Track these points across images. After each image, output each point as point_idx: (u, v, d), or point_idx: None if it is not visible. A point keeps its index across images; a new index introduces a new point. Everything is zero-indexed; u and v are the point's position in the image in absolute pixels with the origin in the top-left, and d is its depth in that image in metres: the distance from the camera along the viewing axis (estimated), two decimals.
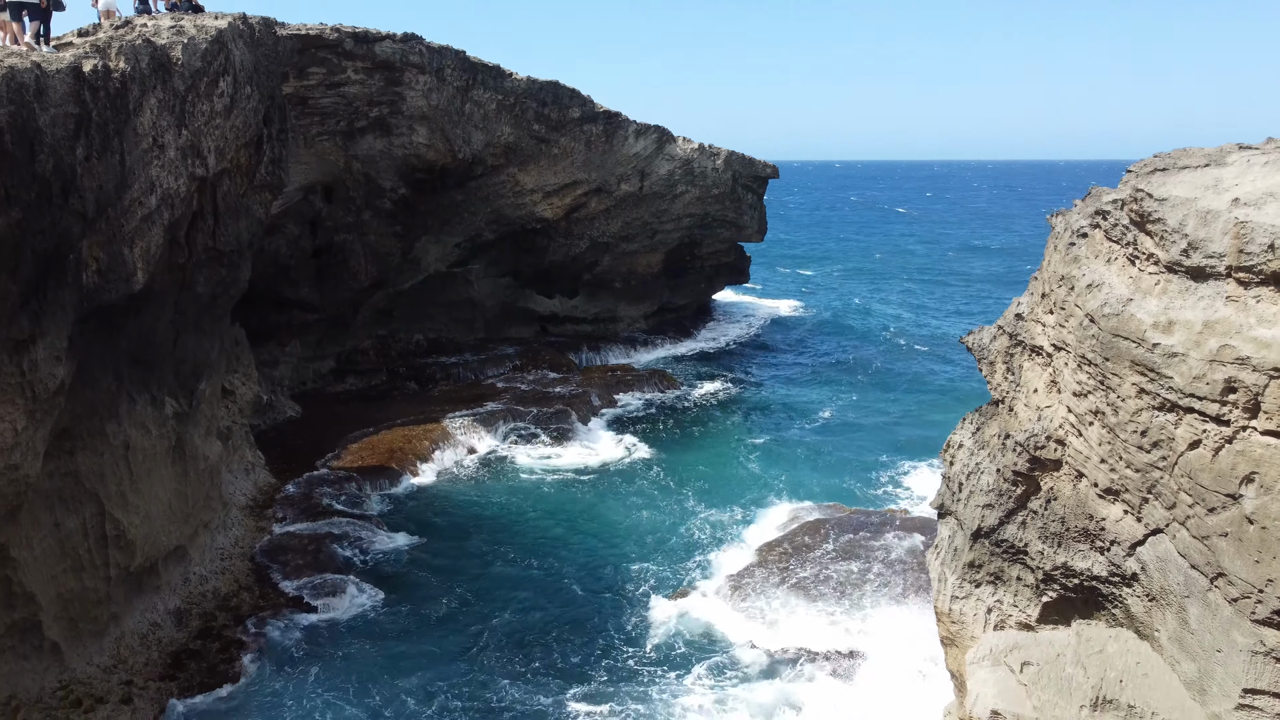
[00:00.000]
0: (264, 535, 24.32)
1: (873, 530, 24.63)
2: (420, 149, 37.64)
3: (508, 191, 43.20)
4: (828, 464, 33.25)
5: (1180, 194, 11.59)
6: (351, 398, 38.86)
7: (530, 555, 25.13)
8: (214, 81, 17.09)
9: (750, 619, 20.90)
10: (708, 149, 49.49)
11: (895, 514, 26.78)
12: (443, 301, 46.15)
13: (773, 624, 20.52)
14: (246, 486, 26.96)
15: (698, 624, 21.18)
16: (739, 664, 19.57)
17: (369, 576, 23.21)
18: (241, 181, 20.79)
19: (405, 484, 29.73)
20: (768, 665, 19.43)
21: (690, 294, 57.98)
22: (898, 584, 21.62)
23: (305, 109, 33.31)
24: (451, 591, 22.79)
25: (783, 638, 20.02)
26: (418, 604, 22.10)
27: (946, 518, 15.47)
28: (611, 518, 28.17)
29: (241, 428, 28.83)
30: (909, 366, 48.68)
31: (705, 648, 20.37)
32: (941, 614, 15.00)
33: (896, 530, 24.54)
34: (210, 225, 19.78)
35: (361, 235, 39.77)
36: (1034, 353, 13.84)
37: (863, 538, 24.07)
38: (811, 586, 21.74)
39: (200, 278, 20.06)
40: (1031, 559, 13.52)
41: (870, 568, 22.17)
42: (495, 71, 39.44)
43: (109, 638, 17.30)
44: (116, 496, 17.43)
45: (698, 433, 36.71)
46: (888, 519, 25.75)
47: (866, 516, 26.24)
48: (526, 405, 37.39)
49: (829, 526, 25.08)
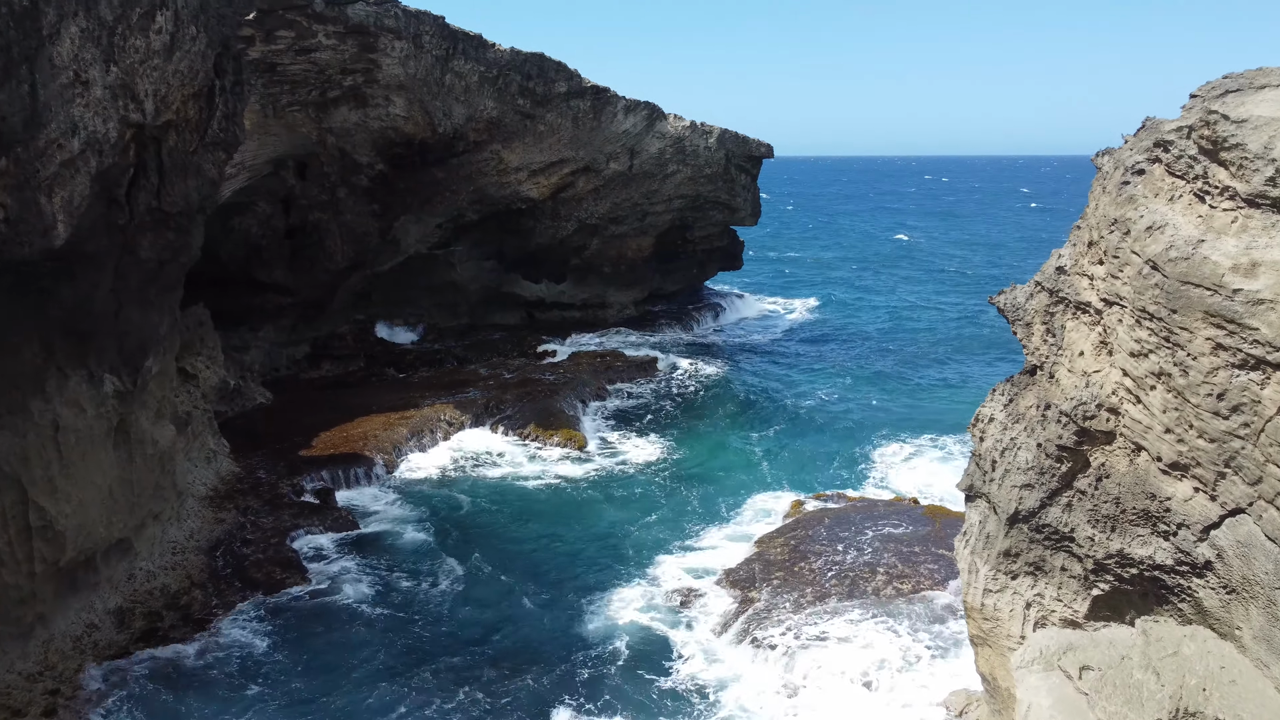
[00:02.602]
0: (221, 527, 22.43)
1: (880, 521, 22.89)
2: (398, 121, 35.70)
3: (491, 169, 41.29)
4: (827, 453, 31.51)
5: (1263, 113, 9.82)
6: (327, 384, 36.96)
7: (509, 552, 23.28)
8: (149, 14, 15.22)
9: (750, 625, 19.08)
10: (700, 127, 47.64)
11: (901, 503, 25.05)
12: (424, 285, 44.27)
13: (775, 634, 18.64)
14: (207, 475, 25.06)
15: (691, 634, 19.33)
16: (739, 679, 17.75)
17: (331, 575, 21.31)
18: (191, 137, 18.88)
19: (378, 475, 27.83)
20: (770, 680, 17.61)
21: (682, 279, 56.16)
22: (910, 577, 19.86)
23: (274, 76, 31.33)
24: (421, 595, 20.88)
25: (784, 646, 18.17)
26: (382, 608, 20.20)
27: (976, 500, 13.70)
28: (599, 512, 26.35)
29: (204, 414, 26.92)
30: (908, 353, 47.00)
31: (699, 661, 18.55)
32: (972, 609, 13.24)
33: (904, 519, 22.80)
34: (154, 183, 17.86)
35: (337, 214, 37.85)
36: (1079, 310, 12.07)
37: (869, 527, 22.31)
38: (816, 582, 19.95)
39: (144, 242, 18.15)
40: (1079, 546, 11.77)
41: (879, 559, 20.38)
42: (477, 41, 37.49)
43: (34, 641, 15.45)
44: (43, 482, 15.55)
45: (690, 422, 34.91)
46: (896, 508, 24.01)
47: (871, 506, 24.49)
48: (511, 393, 35.55)
49: (832, 518, 23.32)
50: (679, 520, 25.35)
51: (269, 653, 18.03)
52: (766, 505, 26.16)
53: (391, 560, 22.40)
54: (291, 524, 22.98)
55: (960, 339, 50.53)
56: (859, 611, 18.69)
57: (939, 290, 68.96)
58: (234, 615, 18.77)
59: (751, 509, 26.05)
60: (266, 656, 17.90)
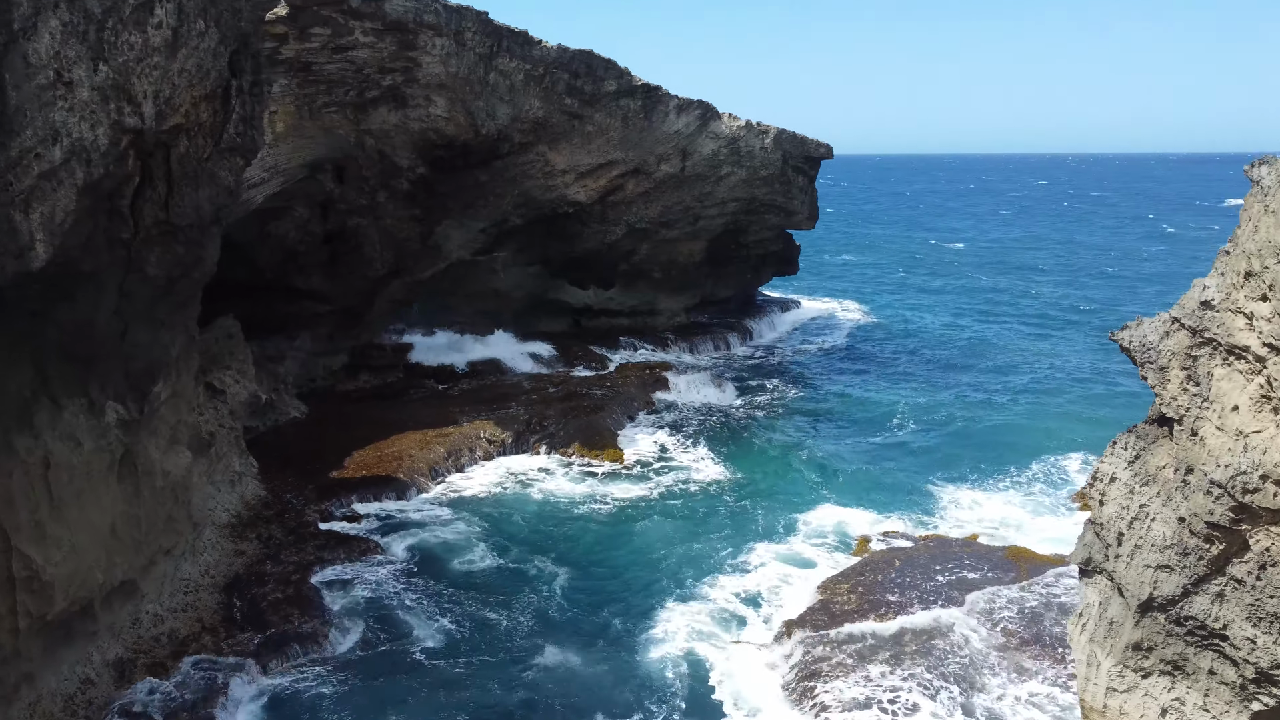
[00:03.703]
0: (241, 560, 20.93)
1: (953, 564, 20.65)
2: (439, 122, 34.07)
3: (537, 172, 39.52)
4: (888, 475, 29.28)
5: None
6: (364, 396, 35.54)
7: (551, 589, 21.48)
8: (146, 6, 13.65)
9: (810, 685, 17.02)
10: (755, 126, 45.42)
11: (977, 542, 22.75)
12: (466, 292, 42.68)
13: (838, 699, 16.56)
14: (230, 500, 23.62)
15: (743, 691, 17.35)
16: None
17: (359, 615, 19.66)
18: (204, 142, 17.32)
19: (414, 500, 26.20)
20: None
21: (734, 285, 53.98)
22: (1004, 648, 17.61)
23: (309, 76, 29.87)
24: (458, 637, 19.15)
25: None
26: (414, 653, 18.49)
27: (1095, 576, 11.50)
28: (648, 535, 24.53)
29: (230, 432, 25.54)
30: (983, 369, 44.27)
31: None
32: (1091, 710, 11.06)
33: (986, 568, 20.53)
34: (161, 194, 16.31)
35: (377, 219, 36.36)
36: (1233, 355, 9.82)
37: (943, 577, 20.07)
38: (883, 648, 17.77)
39: (151, 257, 16.61)
40: (1235, 648, 9.55)
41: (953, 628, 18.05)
42: (522, 38, 35.74)
43: (19, 705, 13.94)
44: (29, 527, 14.04)
45: (745, 441, 32.82)
46: (974, 550, 21.74)
47: (944, 546, 22.24)
48: (554, 408, 33.79)
49: (903, 560, 21.12)
50: (731, 546, 23.44)
51: (283, 701, 16.43)
52: (826, 532, 24.15)
53: (420, 595, 20.70)
54: (315, 557, 21.40)
55: (1033, 356, 47.69)
56: (935, 678, 16.53)
57: (1003, 302, 65.84)
58: (240, 668, 17.12)
59: (811, 537, 24.04)
60: (278, 709, 16.32)
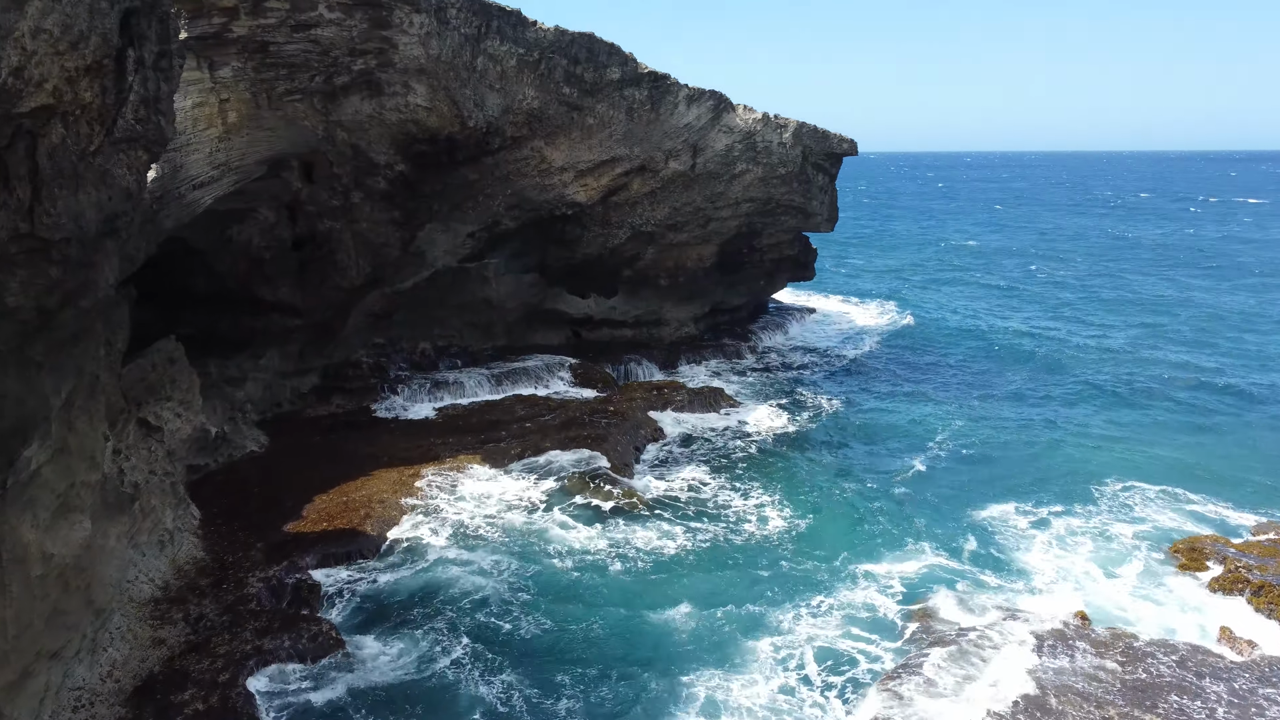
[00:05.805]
0: (158, 653, 16.77)
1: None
2: (419, 113, 29.88)
3: (532, 169, 35.35)
4: (932, 514, 25.50)
5: None
6: (336, 424, 31.36)
7: (542, 660, 17.36)
8: None
9: None
10: (773, 120, 41.21)
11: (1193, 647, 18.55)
12: (454, 303, 38.47)
13: None
14: (156, 568, 19.48)
15: None
16: None
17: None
18: (90, 130, 13.23)
19: (383, 559, 22.00)
20: None
21: (747, 292, 49.79)
22: None
23: (266, 59, 25.69)
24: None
25: None
26: None
27: None
28: (663, 593, 20.51)
29: (165, 479, 21.42)
30: (1012, 387, 40.09)
31: None
32: None
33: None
34: (22, 199, 12.23)
35: (351, 222, 32.19)
36: None
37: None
38: None
39: (11, 284, 12.52)
40: None
41: None
42: (515, 18, 31.59)
43: None
44: None
45: (768, 474, 28.62)
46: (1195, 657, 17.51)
47: (1135, 664, 18.01)
48: (551, 438, 29.63)
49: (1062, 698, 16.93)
50: (763, 637, 19.20)
51: None
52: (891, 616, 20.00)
53: (389, 697, 16.56)
54: (253, 647, 17.21)
55: (1083, 369, 43.52)
56: None
57: (1043, 309, 61.63)
58: None
59: (850, 600, 19.95)
60: None
